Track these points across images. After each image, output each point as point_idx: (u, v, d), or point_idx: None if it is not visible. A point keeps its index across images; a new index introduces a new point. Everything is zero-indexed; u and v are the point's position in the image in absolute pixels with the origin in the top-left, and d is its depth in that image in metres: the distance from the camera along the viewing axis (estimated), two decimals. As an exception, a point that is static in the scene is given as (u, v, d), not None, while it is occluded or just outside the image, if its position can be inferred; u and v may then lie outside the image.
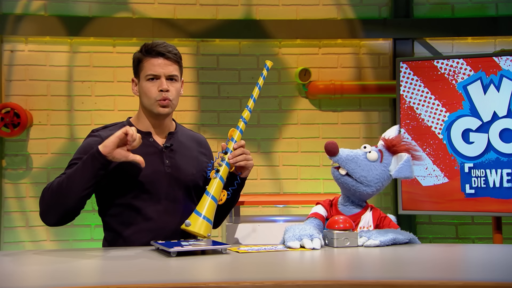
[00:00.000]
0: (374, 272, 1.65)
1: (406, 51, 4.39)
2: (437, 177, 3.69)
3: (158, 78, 2.18)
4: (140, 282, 1.44)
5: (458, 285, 1.41)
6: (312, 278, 1.49)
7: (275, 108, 4.39)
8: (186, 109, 4.28)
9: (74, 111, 4.26)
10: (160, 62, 2.18)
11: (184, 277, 1.52)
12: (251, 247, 1.96)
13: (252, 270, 1.66)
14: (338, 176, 2.12)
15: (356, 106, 4.42)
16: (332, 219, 2.03)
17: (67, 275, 1.59)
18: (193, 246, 1.82)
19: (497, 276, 1.55)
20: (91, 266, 1.76)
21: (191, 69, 4.33)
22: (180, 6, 4.35)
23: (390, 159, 2.13)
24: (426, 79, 3.72)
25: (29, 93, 4.24)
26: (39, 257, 1.94)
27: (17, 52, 4.26)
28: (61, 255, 1.95)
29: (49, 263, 1.77)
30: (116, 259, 1.82)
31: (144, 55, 2.19)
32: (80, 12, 4.28)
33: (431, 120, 3.72)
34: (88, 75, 4.28)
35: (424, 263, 1.75)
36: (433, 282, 1.41)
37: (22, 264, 1.82)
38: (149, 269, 1.64)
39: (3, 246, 4.19)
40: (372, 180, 2.10)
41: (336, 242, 1.97)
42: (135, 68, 2.25)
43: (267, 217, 3.55)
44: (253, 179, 4.33)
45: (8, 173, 4.23)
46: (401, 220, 4.22)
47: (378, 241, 1.99)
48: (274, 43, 4.41)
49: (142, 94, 2.22)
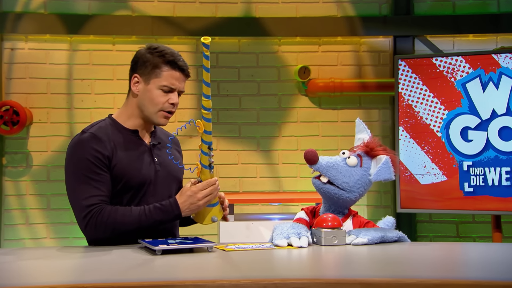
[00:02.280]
0: (360, 270, 1.63)
1: (406, 49, 4.36)
2: (436, 175, 3.67)
3: (172, 91, 2.18)
4: (121, 280, 1.45)
5: (446, 283, 1.40)
6: (295, 276, 1.48)
7: (275, 106, 4.38)
8: (186, 107, 4.27)
9: (74, 109, 4.28)
10: (179, 77, 2.19)
11: (165, 276, 1.52)
12: (239, 245, 1.95)
13: (235, 268, 1.65)
14: (320, 186, 2.11)
15: (356, 104, 4.41)
16: (320, 218, 2.02)
17: (47, 273, 1.59)
18: (178, 244, 1.81)
19: (492, 275, 1.54)
20: (74, 264, 1.76)
21: (190, 67, 4.24)
22: (180, 4, 4.35)
23: (370, 163, 2.12)
24: (424, 77, 3.70)
25: (29, 91, 4.26)
26: (23, 254, 1.95)
27: (17, 50, 4.28)
28: (44, 254, 1.95)
29: (28, 261, 1.78)
30: (100, 257, 1.82)
31: (165, 64, 2.16)
32: (80, 10, 4.29)
33: (429, 118, 3.69)
34: (87, 73, 4.29)
35: (412, 261, 1.74)
36: (422, 280, 1.40)
37: (6, 262, 1.82)
38: (132, 267, 1.64)
39: (4, 243, 4.21)
40: (354, 185, 2.08)
41: (324, 240, 1.96)
42: (147, 69, 2.17)
43: (261, 215, 3.54)
44: (253, 177, 4.32)
45: (8, 171, 4.25)
46: (401, 219, 4.20)
47: (366, 239, 1.98)
48: (273, 41, 4.40)
49: (146, 98, 2.18)
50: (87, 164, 2.05)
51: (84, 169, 2.05)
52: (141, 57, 2.20)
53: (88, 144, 2.09)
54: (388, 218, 2.26)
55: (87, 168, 2.05)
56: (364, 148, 2.14)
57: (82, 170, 2.05)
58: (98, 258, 1.80)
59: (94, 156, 2.06)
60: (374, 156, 2.11)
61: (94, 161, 2.06)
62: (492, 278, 1.46)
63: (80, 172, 2.06)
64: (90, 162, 2.05)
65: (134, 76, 2.20)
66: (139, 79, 2.19)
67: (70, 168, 2.10)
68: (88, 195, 2.02)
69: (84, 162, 2.06)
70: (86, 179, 2.04)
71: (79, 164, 2.07)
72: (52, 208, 4.23)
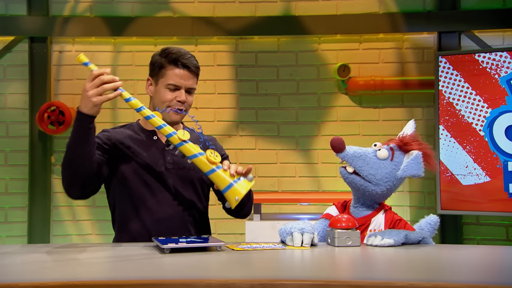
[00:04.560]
0: (369, 273, 1.59)
1: (452, 45, 4.21)
2: (478, 176, 3.54)
3: (178, 89, 2.22)
4: (122, 278, 1.47)
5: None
6: (299, 278, 1.47)
7: (314, 105, 4.34)
8: (224, 107, 4.31)
9: (118, 109, 4.39)
10: (183, 74, 2.22)
11: (166, 274, 1.54)
12: (250, 245, 1.94)
13: (232, 268, 1.64)
14: (346, 175, 2.07)
15: (399, 102, 4.30)
16: (334, 218, 1.99)
17: (54, 270, 1.64)
18: (187, 243, 1.83)
19: (491, 279, 1.46)
20: (80, 262, 1.79)
21: (229, 66, 4.36)
22: (220, 4, 4.38)
23: (402, 158, 2.05)
24: (466, 74, 3.57)
25: (76, 92, 4.40)
26: (31, 250, 2.01)
27: (65, 52, 4.44)
28: (54, 250, 2.01)
29: (34, 258, 1.83)
30: (108, 255, 1.87)
31: (168, 63, 2.22)
32: (123, 13, 4.39)
33: (471, 116, 3.56)
34: (130, 73, 4.39)
35: (421, 264, 1.68)
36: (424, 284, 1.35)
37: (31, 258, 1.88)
38: (138, 265, 1.66)
39: (52, 239, 4.38)
40: (382, 179, 2.02)
41: (337, 241, 1.93)
42: (155, 71, 2.26)
43: (290, 215, 3.51)
44: (291, 176, 4.30)
45: (57, 169, 4.41)
46: (446, 221, 4.07)
47: (393, 240, 1.91)
48: (313, 39, 4.36)
49: (157, 99, 2.24)
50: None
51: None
52: (152, 60, 2.27)
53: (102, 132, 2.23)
54: (432, 216, 2.17)
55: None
56: (398, 141, 2.07)
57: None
58: (103, 257, 1.84)
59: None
60: (407, 150, 2.04)
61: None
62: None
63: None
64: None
65: (148, 79, 2.28)
66: (151, 81, 2.27)
67: None
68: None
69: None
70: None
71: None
72: (97, 205, 4.36)
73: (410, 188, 4.26)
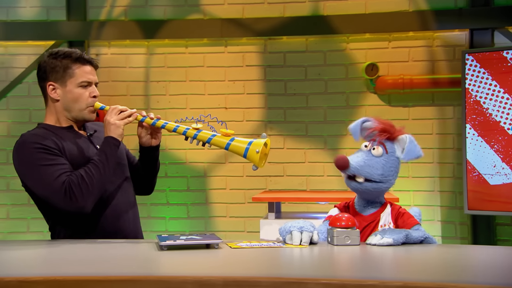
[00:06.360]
0: (366, 272, 1.61)
1: (484, 42, 4.12)
2: (507, 176, 3.46)
3: (90, 85, 2.27)
4: (117, 274, 1.53)
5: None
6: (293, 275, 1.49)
7: (343, 104, 4.34)
8: (253, 107, 4.37)
9: (150, 110, 4.51)
10: (91, 70, 2.28)
11: (160, 271, 1.60)
12: (249, 243, 1.99)
13: (223, 266, 1.70)
14: (357, 186, 2.08)
15: (429, 101, 4.25)
16: (334, 217, 2.01)
17: (51, 265, 1.73)
18: (185, 240, 1.89)
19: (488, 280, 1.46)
20: (76, 256, 1.85)
21: (258, 67, 4.42)
22: (249, 5, 4.44)
23: (394, 146, 2.09)
24: (494, 72, 3.50)
25: (111, 93, 4.56)
26: (28, 247, 2.11)
27: (101, 55, 4.60)
28: (48, 246, 2.09)
29: (32, 253, 1.93)
30: (104, 250, 1.94)
31: (74, 62, 2.24)
32: (156, 16, 4.52)
33: (499, 114, 3.49)
34: (163, 75, 4.52)
35: (417, 264, 1.69)
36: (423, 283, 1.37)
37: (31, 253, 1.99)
38: (134, 261, 1.74)
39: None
40: (389, 174, 2.06)
41: (336, 240, 1.95)
42: (59, 73, 2.24)
43: (309, 214, 3.53)
44: (320, 176, 4.32)
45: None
46: (478, 221, 4.00)
47: (392, 239, 1.92)
48: (341, 38, 4.36)
49: (70, 100, 2.25)
50: (39, 155, 2.12)
51: (39, 160, 2.12)
52: (48, 65, 2.26)
53: (32, 140, 2.17)
54: (414, 208, 2.20)
55: (41, 158, 2.12)
56: (382, 135, 2.10)
57: (37, 162, 2.12)
58: (99, 252, 1.91)
59: (43, 148, 2.13)
60: (394, 138, 2.08)
61: (45, 151, 2.13)
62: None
63: (36, 164, 2.12)
64: (41, 153, 2.12)
65: (48, 84, 2.26)
66: (55, 85, 2.25)
67: (23, 167, 2.17)
68: (57, 175, 2.09)
69: (36, 155, 2.13)
70: (44, 167, 2.11)
71: (31, 158, 2.13)
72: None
73: (440, 187, 4.20)
